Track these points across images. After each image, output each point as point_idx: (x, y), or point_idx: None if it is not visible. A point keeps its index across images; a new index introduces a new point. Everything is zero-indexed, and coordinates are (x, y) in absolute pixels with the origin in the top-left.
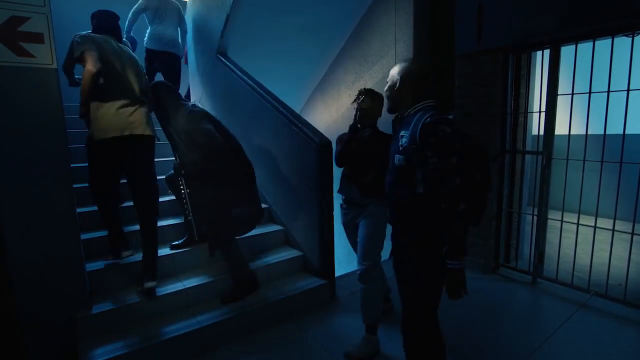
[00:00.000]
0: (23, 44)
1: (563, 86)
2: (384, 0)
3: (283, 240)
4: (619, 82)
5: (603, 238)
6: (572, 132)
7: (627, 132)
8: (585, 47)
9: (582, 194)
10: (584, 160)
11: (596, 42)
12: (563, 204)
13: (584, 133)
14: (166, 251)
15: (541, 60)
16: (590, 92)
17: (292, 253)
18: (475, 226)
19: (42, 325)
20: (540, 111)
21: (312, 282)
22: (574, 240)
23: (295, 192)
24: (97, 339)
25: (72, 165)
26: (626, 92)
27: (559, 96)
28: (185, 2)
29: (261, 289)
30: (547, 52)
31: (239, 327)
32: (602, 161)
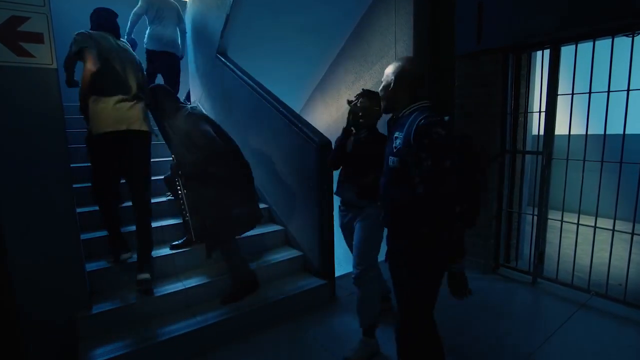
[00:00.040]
0: (23, 44)
1: (563, 86)
2: (384, 0)
3: (283, 240)
4: (619, 82)
5: (603, 238)
6: (572, 132)
7: (627, 132)
8: (585, 47)
9: (582, 194)
10: (584, 160)
11: (596, 42)
12: (563, 204)
13: (584, 133)
14: (166, 251)
15: (541, 60)
16: (590, 92)
17: (292, 253)
18: (474, 226)
19: (42, 325)
20: (540, 111)
21: (312, 282)
22: (574, 240)
23: (295, 192)
24: (97, 339)
25: (72, 165)
26: (626, 92)
27: (559, 96)
28: (185, 2)
29: (261, 289)
30: (547, 52)
31: (239, 327)
32: (602, 161)
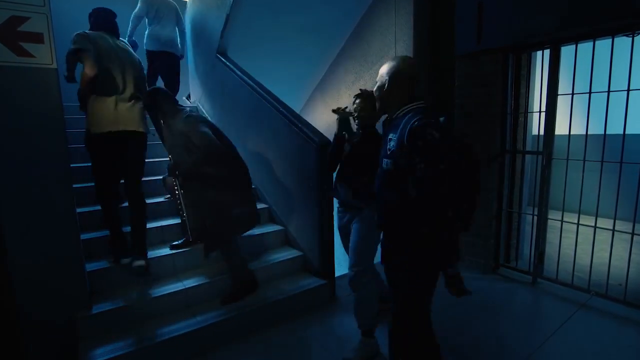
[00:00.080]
0: (23, 44)
1: (563, 86)
2: (384, 0)
3: (283, 240)
4: (619, 82)
5: (603, 238)
6: (572, 132)
7: (627, 132)
8: (585, 47)
9: (582, 194)
10: (584, 160)
11: (596, 42)
12: (563, 204)
13: (584, 133)
14: (166, 251)
15: (541, 60)
16: (590, 92)
17: (292, 253)
18: (474, 226)
19: (42, 325)
20: (540, 111)
21: (312, 282)
22: (574, 240)
23: (295, 192)
24: (97, 339)
25: (72, 165)
26: (626, 92)
27: (559, 96)
28: (185, 2)
29: (261, 289)
30: (547, 52)
31: (239, 327)
32: (602, 161)
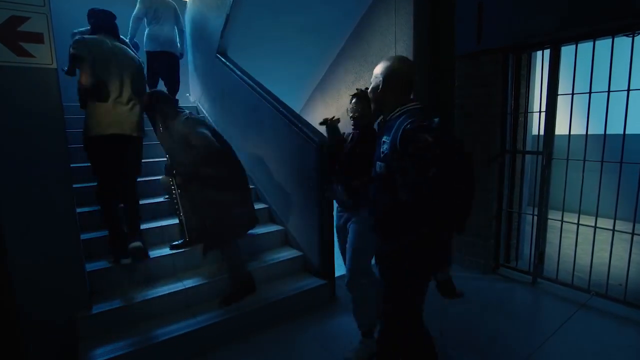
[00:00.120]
0: (23, 44)
1: (563, 86)
2: (384, 0)
3: (283, 240)
4: (619, 82)
5: (603, 238)
6: (573, 132)
7: (627, 132)
8: (585, 47)
9: (582, 194)
10: (584, 160)
11: (596, 42)
12: (563, 204)
13: (584, 133)
14: (166, 251)
15: (541, 60)
16: (590, 92)
17: (292, 253)
18: (474, 226)
19: (42, 325)
20: (540, 111)
21: (312, 282)
22: (574, 240)
23: (295, 192)
24: (97, 339)
25: (72, 165)
26: (626, 92)
27: (559, 96)
28: (185, 2)
29: (261, 289)
30: (547, 52)
31: (239, 327)
32: (602, 161)
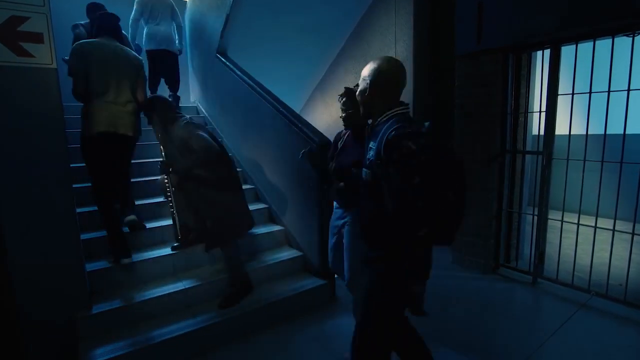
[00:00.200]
0: (23, 44)
1: (563, 86)
2: (384, 0)
3: (283, 240)
4: (619, 82)
5: (603, 238)
6: (573, 132)
7: (627, 132)
8: (585, 47)
9: (583, 194)
10: (584, 160)
11: (596, 42)
12: (563, 204)
13: (584, 133)
14: (166, 251)
15: (541, 60)
16: (590, 92)
17: (292, 253)
18: (474, 226)
19: (42, 325)
20: (540, 111)
21: (312, 282)
22: (574, 240)
23: (295, 192)
24: (97, 339)
25: (72, 165)
26: (626, 92)
27: (559, 96)
28: (185, 2)
29: (261, 289)
30: (548, 52)
31: (239, 327)
32: (603, 161)
